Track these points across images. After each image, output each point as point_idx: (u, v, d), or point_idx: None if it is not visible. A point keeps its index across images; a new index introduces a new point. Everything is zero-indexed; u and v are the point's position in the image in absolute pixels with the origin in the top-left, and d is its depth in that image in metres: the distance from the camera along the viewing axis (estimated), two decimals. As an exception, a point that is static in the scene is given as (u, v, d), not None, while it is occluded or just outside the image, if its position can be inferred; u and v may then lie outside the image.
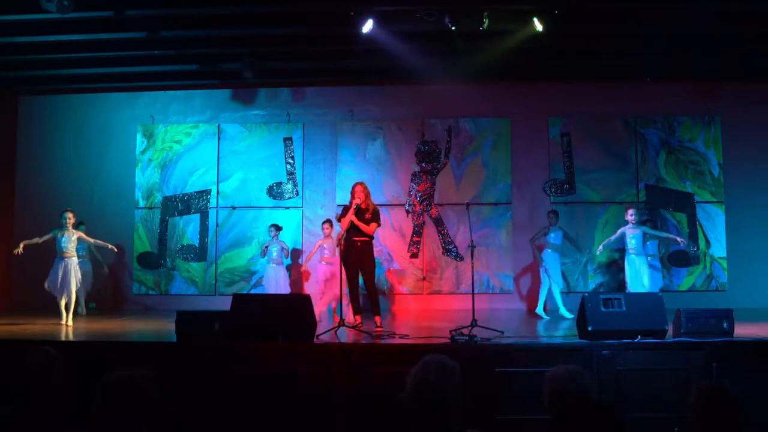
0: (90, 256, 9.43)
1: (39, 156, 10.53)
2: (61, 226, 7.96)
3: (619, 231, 8.61)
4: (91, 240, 8.42)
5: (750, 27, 7.78)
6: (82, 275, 8.39)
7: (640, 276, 8.41)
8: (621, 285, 9.03)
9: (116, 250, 8.77)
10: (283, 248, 9.21)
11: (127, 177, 10.44)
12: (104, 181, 10.45)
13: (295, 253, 10.08)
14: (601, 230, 9.87)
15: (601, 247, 8.77)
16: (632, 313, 5.77)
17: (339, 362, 5.58)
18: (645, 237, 8.67)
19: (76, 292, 8.08)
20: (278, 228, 9.33)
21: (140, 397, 2.24)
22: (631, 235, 8.47)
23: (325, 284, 8.45)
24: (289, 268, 9.63)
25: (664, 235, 9.09)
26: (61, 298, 7.75)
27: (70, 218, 7.98)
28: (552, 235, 9.07)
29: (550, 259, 9.00)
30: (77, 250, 8.60)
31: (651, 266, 8.75)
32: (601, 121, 10.20)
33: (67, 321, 7.66)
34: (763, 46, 8.33)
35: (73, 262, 7.92)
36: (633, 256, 8.47)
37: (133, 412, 2.21)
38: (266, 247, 9.25)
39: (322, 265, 8.59)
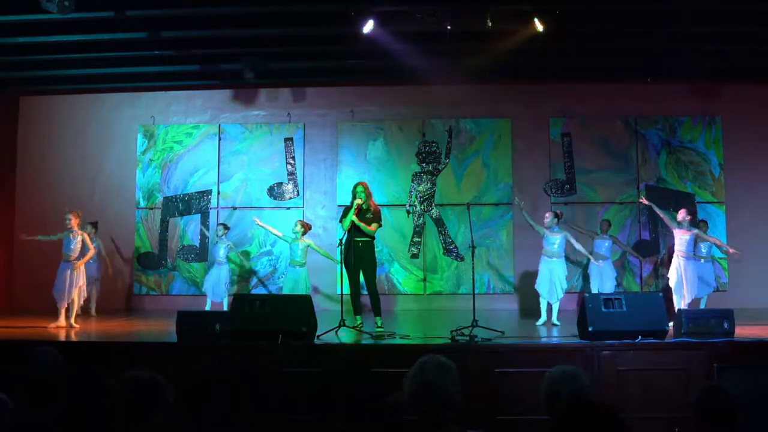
0: (98, 257, 9.25)
1: (39, 156, 10.53)
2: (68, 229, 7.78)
3: (669, 222, 7.96)
4: (92, 243, 8.32)
5: (750, 27, 7.77)
6: (94, 275, 8.67)
7: (687, 280, 7.63)
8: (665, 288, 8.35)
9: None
10: (230, 248, 9.08)
11: (127, 177, 10.44)
12: (105, 181, 10.45)
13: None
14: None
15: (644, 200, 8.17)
16: (633, 313, 5.78)
17: (339, 362, 5.59)
18: (696, 240, 7.94)
19: (88, 293, 8.17)
20: (226, 228, 9.19)
21: (150, 398, 2.24)
22: (681, 236, 7.71)
23: None
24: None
25: (718, 242, 8.51)
26: (63, 304, 7.55)
27: (69, 219, 7.76)
28: (597, 242, 8.92)
29: (594, 269, 8.80)
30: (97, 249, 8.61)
31: (701, 267, 8.17)
32: (602, 121, 10.20)
33: (69, 323, 7.51)
34: (763, 46, 8.33)
35: (77, 266, 7.70)
36: (682, 258, 7.69)
37: (142, 413, 2.20)
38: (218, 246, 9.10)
39: None
